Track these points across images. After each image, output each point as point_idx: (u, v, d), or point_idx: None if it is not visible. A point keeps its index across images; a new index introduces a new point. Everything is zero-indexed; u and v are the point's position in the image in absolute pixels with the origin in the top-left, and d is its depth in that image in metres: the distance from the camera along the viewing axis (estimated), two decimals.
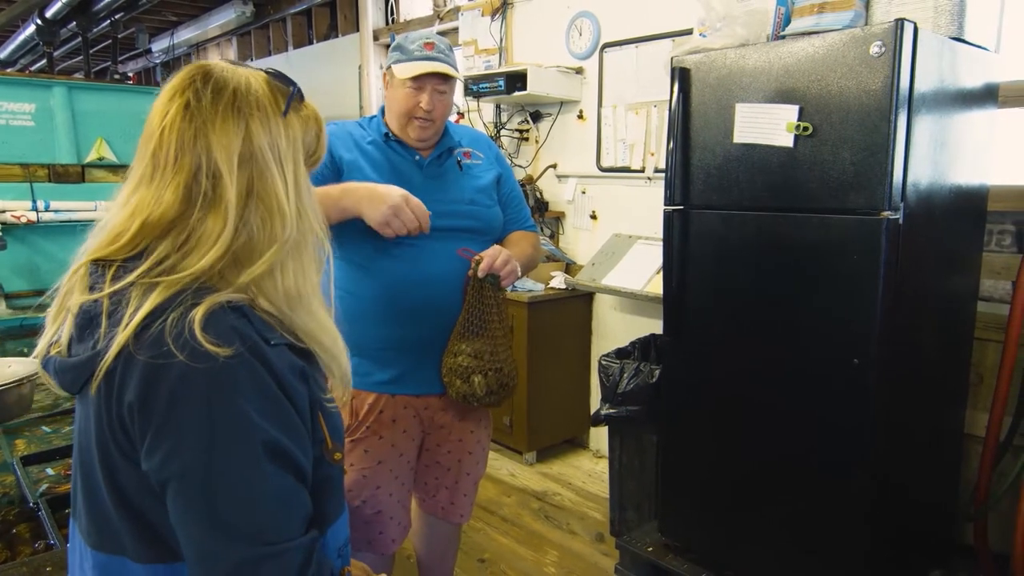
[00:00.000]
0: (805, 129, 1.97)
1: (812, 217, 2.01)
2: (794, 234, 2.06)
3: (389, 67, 1.75)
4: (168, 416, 0.72)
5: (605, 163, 3.55)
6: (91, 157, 3.92)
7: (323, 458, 0.86)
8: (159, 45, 7.72)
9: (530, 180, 3.77)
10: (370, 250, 1.71)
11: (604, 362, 2.78)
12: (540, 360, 3.49)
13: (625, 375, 2.68)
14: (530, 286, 3.50)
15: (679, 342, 2.43)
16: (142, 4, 5.77)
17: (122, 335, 0.74)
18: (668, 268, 2.39)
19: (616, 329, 3.60)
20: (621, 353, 2.91)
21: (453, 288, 1.73)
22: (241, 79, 0.83)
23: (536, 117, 3.81)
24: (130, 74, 9.22)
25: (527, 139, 3.92)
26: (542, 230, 3.79)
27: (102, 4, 5.73)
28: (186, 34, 6.98)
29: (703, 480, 2.42)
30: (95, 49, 7.45)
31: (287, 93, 0.86)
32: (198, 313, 0.74)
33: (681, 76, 2.27)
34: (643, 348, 2.99)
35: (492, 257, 1.68)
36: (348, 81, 5.17)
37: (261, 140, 0.82)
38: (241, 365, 0.75)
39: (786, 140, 2.01)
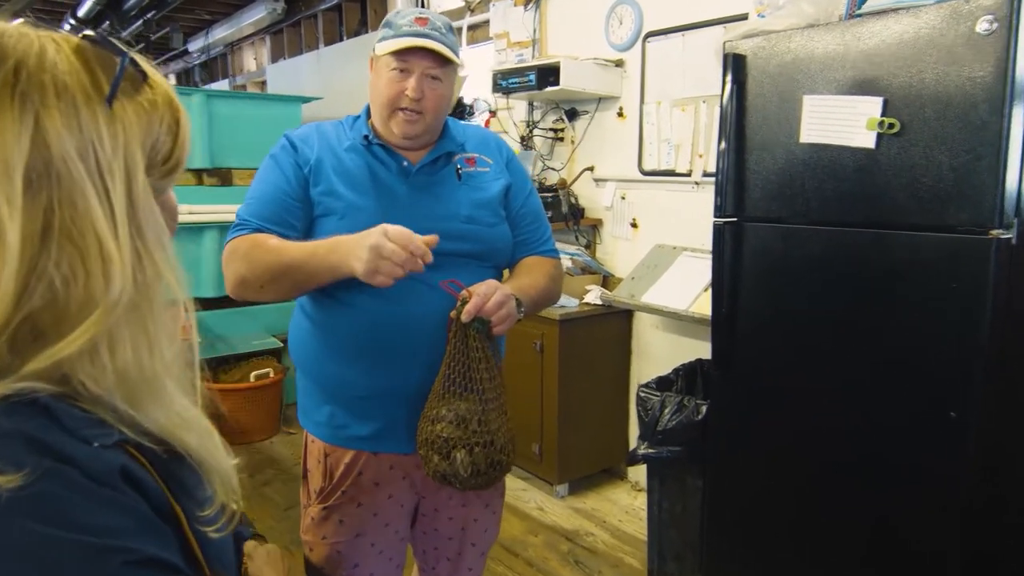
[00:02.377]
0: (890, 127, 1.60)
1: (897, 235, 1.65)
2: (873, 255, 1.69)
3: (374, 49, 1.45)
4: None
5: (647, 166, 3.20)
6: None
7: None
8: (195, 45, 7.63)
9: (563, 184, 3.45)
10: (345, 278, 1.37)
11: (643, 394, 2.44)
12: (573, 383, 3.16)
13: (666, 410, 2.34)
14: (563, 301, 3.17)
15: (729, 375, 2.08)
16: (172, 1, 5.63)
17: None
18: (718, 290, 2.04)
19: (659, 350, 3.25)
20: (662, 383, 2.57)
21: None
22: (31, 48, 0.53)
23: (572, 115, 3.49)
24: (171, 76, 9.20)
25: (562, 139, 3.59)
26: (576, 239, 3.46)
27: (132, 2, 5.62)
28: (220, 33, 6.84)
29: (756, 534, 2.07)
30: (133, 51, 7.40)
31: (114, 67, 0.56)
32: None
33: (735, 64, 1.92)
34: (688, 376, 2.64)
35: (483, 296, 1.29)
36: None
37: (64, 144, 0.52)
38: (40, 488, 0.48)
39: (866, 140, 1.65)
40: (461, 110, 4.29)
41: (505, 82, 3.29)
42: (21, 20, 0.58)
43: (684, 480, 2.41)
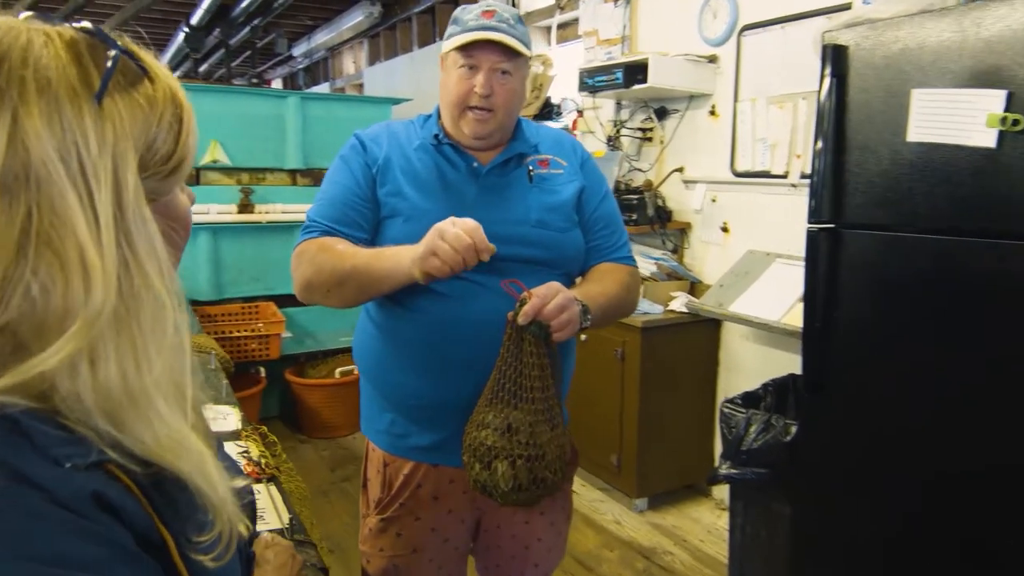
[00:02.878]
0: (1015, 123, 1.42)
1: (1021, 245, 1.45)
2: (992, 268, 1.50)
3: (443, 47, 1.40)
4: None
5: (740, 166, 3.03)
6: (206, 160, 3.90)
7: None
8: (299, 50, 7.91)
9: (649, 186, 3.31)
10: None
11: (727, 410, 2.29)
12: (655, 393, 3.03)
13: (752, 429, 2.19)
14: (646, 307, 3.05)
15: (821, 396, 1.91)
16: (276, 8, 5.85)
17: None
18: (811, 302, 1.88)
19: (749, 363, 3.07)
20: (749, 399, 2.41)
21: None
22: (16, 42, 0.50)
23: (661, 114, 3.35)
24: (276, 80, 9.61)
25: (650, 139, 3.46)
26: (663, 243, 3.32)
27: (239, 9, 5.87)
28: (322, 37, 7.06)
29: (848, 570, 1.89)
30: (243, 57, 7.76)
31: (105, 61, 0.52)
32: None
33: (835, 56, 1.76)
34: (778, 393, 2.46)
35: (543, 298, 1.21)
36: None
37: (44, 145, 0.48)
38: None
39: (985, 139, 1.46)
40: (549, 110, 4.22)
41: (591, 80, 3.19)
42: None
43: (769, 505, 2.24)
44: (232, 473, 0.62)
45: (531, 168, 1.45)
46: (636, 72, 2.98)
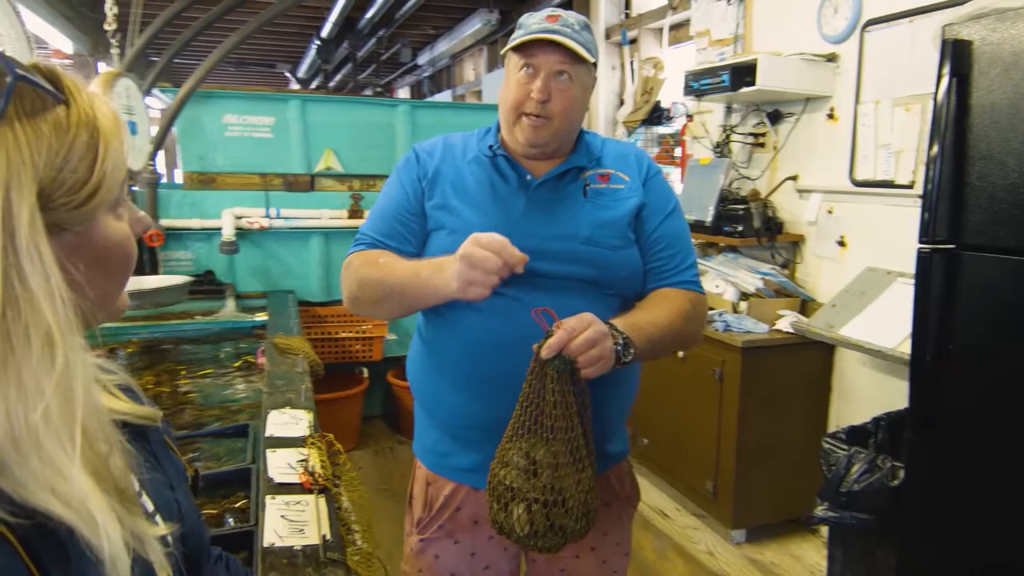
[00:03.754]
0: None
1: None
2: None
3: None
4: None
5: (860, 175, 2.76)
6: (320, 167, 4.07)
7: None
8: (424, 59, 8.14)
9: (756, 195, 3.08)
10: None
11: (828, 445, 2.08)
12: (756, 418, 2.81)
13: (854, 468, 1.97)
14: (749, 326, 2.84)
15: (932, 436, 1.69)
16: (398, 19, 6.03)
17: None
18: (921, 332, 1.66)
19: (865, 391, 2.79)
20: (856, 434, 2.18)
21: None
22: None
23: (774, 118, 3.12)
24: (404, 89, 9.95)
25: (762, 144, 3.23)
26: (772, 256, 3.09)
27: (364, 20, 6.10)
28: (443, 46, 7.21)
29: None
30: (371, 68, 8.08)
31: (14, 87, 0.50)
32: None
33: (956, 52, 1.54)
34: (891, 429, 2.21)
35: (571, 331, 1.11)
36: None
37: None
38: None
39: None
40: (659, 115, 4.07)
41: (697, 84, 3.02)
42: None
43: (873, 553, 2.01)
44: (152, 519, 0.59)
45: (588, 182, 1.36)
46: (744, 74, 2.79)
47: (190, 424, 2.20)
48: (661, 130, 4.24)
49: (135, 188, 3.71)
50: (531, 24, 1.29)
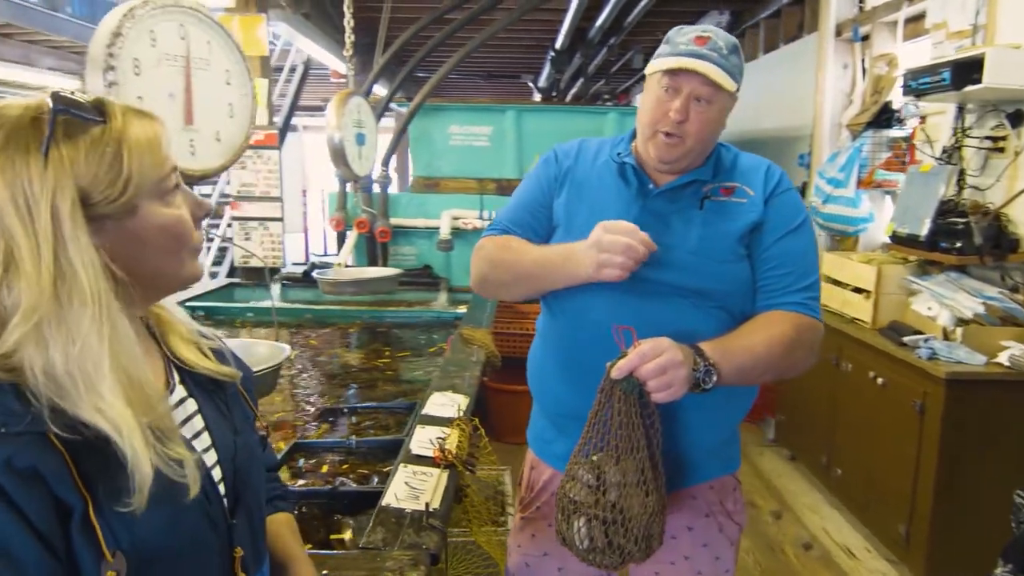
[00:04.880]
0: None
1: None
2: None
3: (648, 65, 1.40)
4: None
5: None
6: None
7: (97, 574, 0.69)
8: None
9: (977, 208, 2.68)
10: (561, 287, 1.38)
11: (1020, 499, 1.80)
12: (962, 459, 2.47)
13: None
14: (961, 355, 2.50)
15: None
16: (626, 26, 6.12)
17: None
18: None
19: None
20: None
21: None
22: (15, 111, 0.70)
23: (1016, 119, 2.69)
24: (639, 96, 9.98)
25: (1002, 149, 2.81)
26: (1003, 278, 2.68)
27: (595, 29, 6.28)
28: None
29: None
30: (606, 76, 8.25)
31: (66, 120, 0.69)
32: None
33: None
34: None
35: (642, 356, 1.14)
36: (803, 87, 4.53)
37: (1, 193, 0.67)
38: None
39: None
40: (888, 116, 3.70)
41: (915, 83, 2.73)
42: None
43: None
44: (171, 442, 0.75)
45: (710, 195, 1.37)
46: (969, 70, 2.47)
47: (378, 397, 2.53)
48: (893, 133, 3.84)
49: (373, 190, 4.26)
50: (679, 42, 1.31)
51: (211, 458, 0.84)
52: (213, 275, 5.77)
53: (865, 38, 4.03)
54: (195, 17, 1.68)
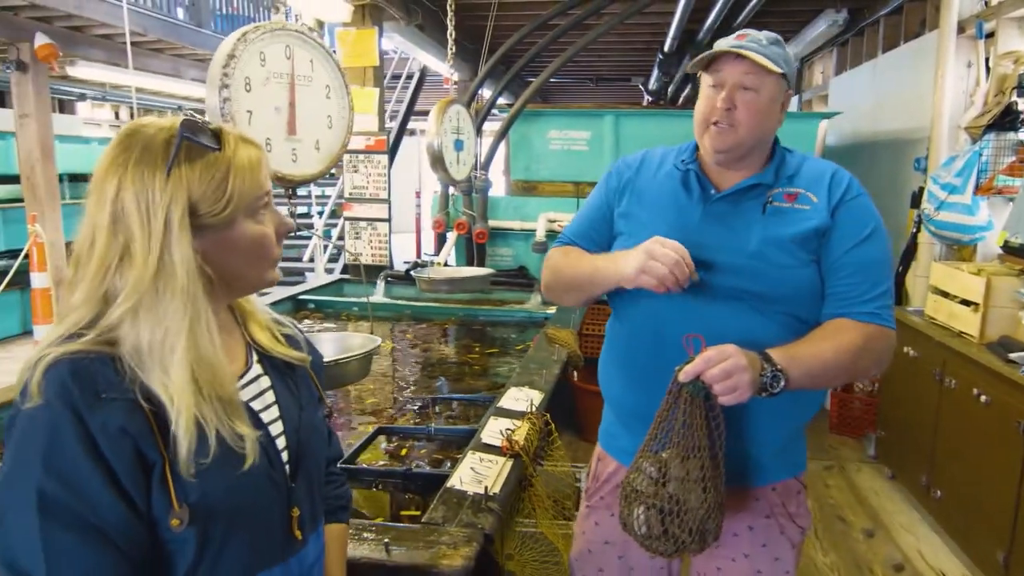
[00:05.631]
0: None
1: None
2: None
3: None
4: (4, 441, 0.84)
5: None
6: None
7: (167, 522, 0.84)
8: None
9: None
10: (627, 291, 1.44)
11: None
12: None
13: None
14: None
15: None
16: (734, 27, 6.00)
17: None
18: None
19: None
20: None
21: None
22: (141, 132, 0.86)
23: None
24: None
25: None
26: None
27: (703, 31, 6.20)
28: (790, 50, 6.90)
29: None
30: None
31: (190, 143, 0.85)
32: (43, 360, 0.82)
33: None
34: None
35: (707, 361, 1.21)
36: (924, 88, 4.29)
37: (129, 196, 0.83)
38: (45, 416, 0.79)
39: None
40: (1011, 118, 3.47)
41: None
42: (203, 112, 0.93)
43: None
44: (236, 419, 0.89)
45: (772, 200, 1.41)
46: None
47: (463, 389, 2.68)
48: (1021, 136, 3.58)
49: (473, 193, 4.43)
50: (719, 45, 1.39)
51: (277, 428, 0.98)
52: (329, 271, 6.17)
53: (990, 35, 3.78)
54: (300, 39, 1.88)
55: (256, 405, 0.97)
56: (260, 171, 0.92)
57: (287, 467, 0.99)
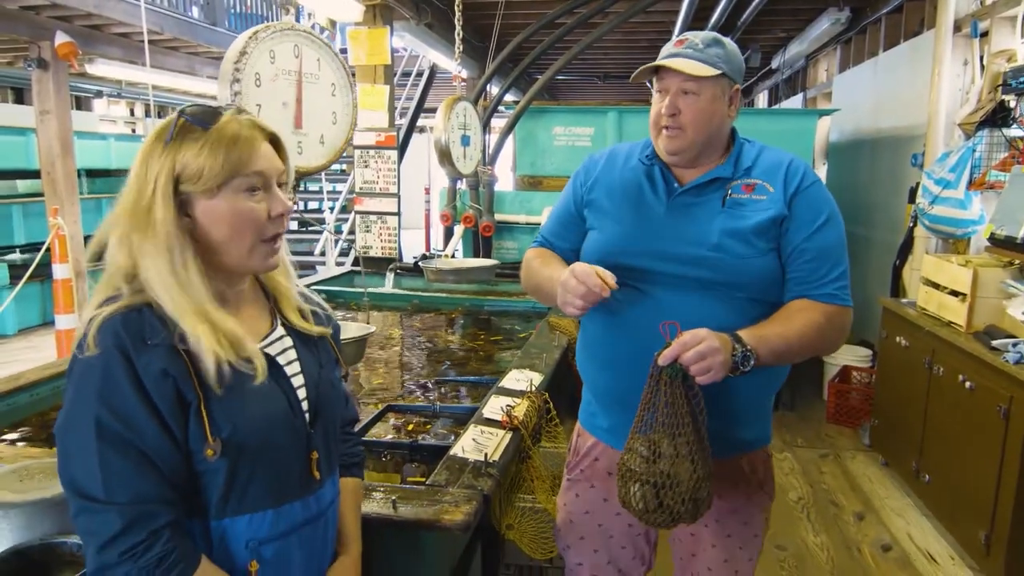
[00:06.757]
0: None
1: None
2: None
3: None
4: (65, 389, 0.98)
5: None
6: None
7: (201, 453, 0.97)
8: (778, 63, 7.95)
9: None
10: None
11: None
12: None
13: None
14: None
15: None
16: (740, 25, 6.09)
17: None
18: None
19: None
20: None
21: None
22: (163, 123, 1.02)
23: None
24: (762, 94, 9.77)
25: None
26: None
27: (708, 28, 6.29)
28: (794, 48, 6.98)
29: None
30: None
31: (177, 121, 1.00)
32: (97, 316, 0.96)
33: None
34: None
35: (683, 345, 1.30)
36: (922, 86, 4.37)
37: (147, 163, 0.99)
38: (100, 360, 0.94)
39: None
40: (1004, 115, 3.56)
41: (1015, 81, 2.67)
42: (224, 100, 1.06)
43: None
44: (242, 347, 1.02)
45: (730, 192, 1.49)
46: None
47: (468, 373, 2.80)
48: (1012, 132, 3.67)
49: (480, 187, 4.55)
50: (663, 52, 1.49)
51: (299, 381, 1.12)
52: (339, 264, 6.32)
53: (984, 34, 3.87)
54: (308, 38, 2.01)
55: (280, 360, 1.10)
56: (246, 149, 1.02)
57: (307, 415, 1.12)
